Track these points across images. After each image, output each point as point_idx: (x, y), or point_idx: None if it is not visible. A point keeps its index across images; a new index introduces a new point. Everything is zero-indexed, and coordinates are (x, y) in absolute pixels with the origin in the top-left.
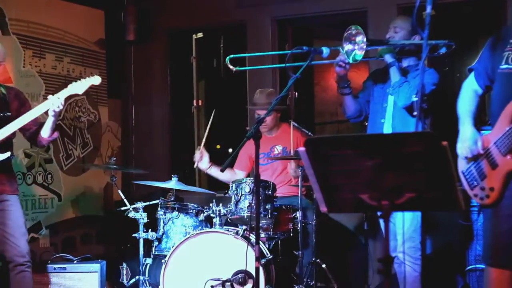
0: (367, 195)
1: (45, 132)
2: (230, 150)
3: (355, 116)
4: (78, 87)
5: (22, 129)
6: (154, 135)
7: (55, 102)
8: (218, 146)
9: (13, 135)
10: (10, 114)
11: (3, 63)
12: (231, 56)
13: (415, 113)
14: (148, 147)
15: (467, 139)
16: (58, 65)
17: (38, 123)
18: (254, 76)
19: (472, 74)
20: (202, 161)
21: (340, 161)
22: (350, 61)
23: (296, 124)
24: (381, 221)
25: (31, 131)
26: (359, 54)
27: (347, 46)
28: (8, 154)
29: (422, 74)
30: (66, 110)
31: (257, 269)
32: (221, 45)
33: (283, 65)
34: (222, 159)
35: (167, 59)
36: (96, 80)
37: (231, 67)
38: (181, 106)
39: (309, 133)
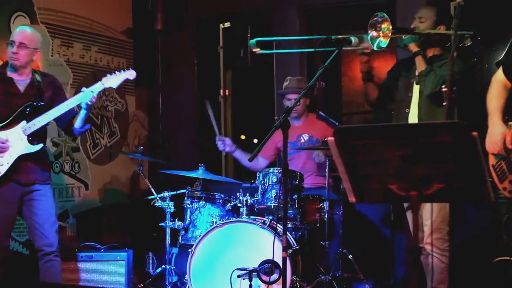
0: (395, 186)
1: (78, 124)
2: (256, 140)
3: (378, 103)
4: (113, 81)
5: (56, 119)
6: (181, 125)
7: (88, 96)
8: (243, 137)
9: (47, 124)
10: (43, 103)
11: (39, 51)
12: (257, 39)
13: (444, 103)
14: (175, 137)
15: (494, 135)
16: (85, 54)
17: (72, 113)
18: (281, 66)
19: (501, 68)
20: (226, 145)
21: (369, 151)
22: (375, 48)
23: (323, 114)
24: (407, 212)
25: (65, 121)
26: (383, 41)
27: (372, 33)
28: (40, 145)
29: (451, 63)
30: None
31: (284, 259)
32: (248, 35)
33: (312, 49)
34: (247, 150)
35: (194, 48)
36: (131, 74)
37: (254, 49)
38: (208, 96)
39: (337, 123)
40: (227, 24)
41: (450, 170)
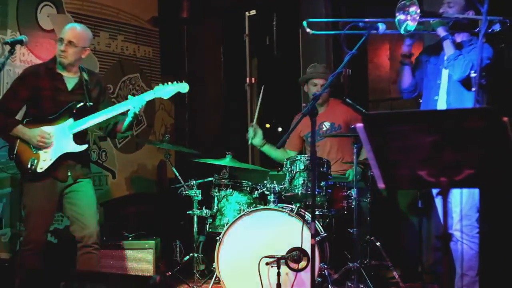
0: (425, 172)
1: (123, 129)
2: (280, 129)
3: (410, 90)
4: (164, 92)
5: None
6: (207, 113)
7: (137, 105)
8: (268, 125)
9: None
10: (92, 104)
11: (88, 49)
12: (310, 20)
13: (473, 89)
14: (202, 125)
15: None
16: (112, 43)
17: (116, 118)
18: (308, 54)
19: None
20: (256, 137)
21: (398, 137)
22: (402, 31)
23: (350, 101)
24: (436, 199)
25: (108, 125)
26: (411, 25)
27: (400, 16)
28: (85, 146)
29: (480, 48)
30: (120, 88)
31: (312, 246)
32: (274, 23)
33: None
34: (272, 138)
35: (220, 36)
36: (184, 87)
37: (308, 30)
38: (234, 84)
39: (363, 110)
40: (253, 12)
41: (480, 155)
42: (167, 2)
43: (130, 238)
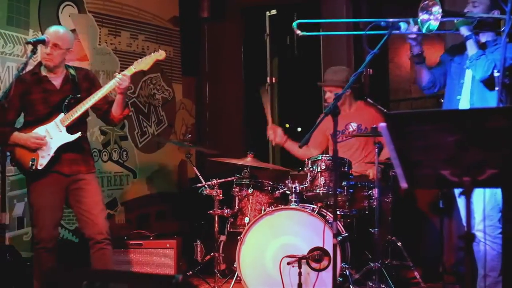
0: (448, 171)
1: (115, 110)
2: (299, 129)
3: (429, 86)
4: (143, 64)
5: (93, 109)
6: (228, 112)
7: (119, 79)
8: (287, 125)
9: (87, 114)
10: (80, 96)
11: (72, 50)
12: (300, 21)
13: (496, 88)
14: (222, 124)
15: None
16: (133, 43)
17: (109, 102)
18: (328, 53)
19: None
20: (277, 136)
21: (421, 136)
22: (424, 31)
23: (371, 101)
24: (459, 199)
25: (103, 110)
26: (433, 24)
27: (423, 16)
28: (78, 134)
29: (504, 48)
30: (140, 88)
31: (334, 246)
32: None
33: (362, 32)
34: (291, 139)
35: (240, 36)
36: (160, 55)
37: (298, 31)
38: (255, 83)
39: (385, 110)
40: (273, 12)
41: (504, 155)
42: (188, 1)
43: (151, 238)
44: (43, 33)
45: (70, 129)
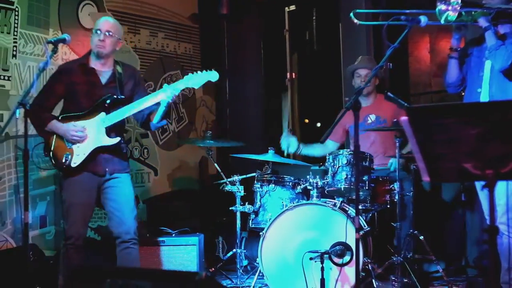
0: (470, 164)
1: (156, 119)
2: (318, 124)
3: (457, 84)
4: (195, 82)
5: (135, 114)
6: (249, 108)
7: (169, 95)
8: (306, 121)
9: (126, 117)
10: (123, 97)
11: (121, 41)
12: (357, 11)
13: None
14: (243, 121)
15: None
16: (152, 41)
17: (150, 108)
18: (348, 48)
19: None
20: (290, 146)
21: (443, 130)
22: (442, 22)
23: (391, 95)
24: (481, 192)
25: (142, 116)
26: (452, 15)
27: (440, 6)
28: (118, 139)
29: None
30: (160, 86)
31: (357, 241)
32: (314, 18)
33: (387, 22)
34: (311, 134)
35: (260, 32)
36: (213, 76)
37: (356, 21)
38: (275, 79)
39: (405, 104)
40: (293, 7)
41: None
42: None
43: (173, 235)
44: (63, 32)
45: (109, 130)
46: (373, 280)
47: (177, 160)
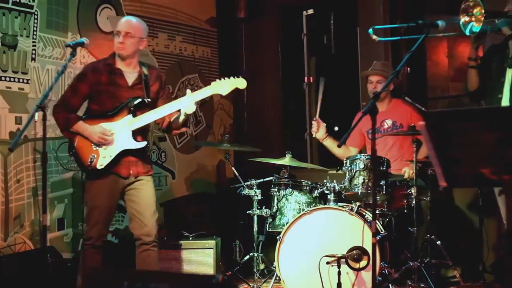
0: (488, 170)
1: (176, 125)
2: (336, 128)
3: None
4: (222, 89)
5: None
6: (266, 112)
7: (190, 108)
8: (325, 124)
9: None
10: (150, 100)
11: (145, 40)
12: (376, 27)
13: None
14: (260, 124)
15: None
16: (170, 44)
17: (171, 114)
18: (366, 53)
19: None
20: (319, 131)
21: (460, 135)
22: (467, 33)
23: (409, 99)
24: (498, 197)
25: (164, 122)
26: (476, 26)
27: (464, 18)
28: (144, 143)
29: None
30: (178, 89)
31: (373, 245)
32: (332, 21)
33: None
34: (332, 136)
35: (278, 36)
36: (242, 83)
37: (374, 37)
38: (292, 83)
39: (423, 108)
40: (310, 11)
41: None
42: (224, 2)
43: (190, 238)
44: (82, 36)
45: (135, 133)
46: (390, 285)
47: (195, 164)
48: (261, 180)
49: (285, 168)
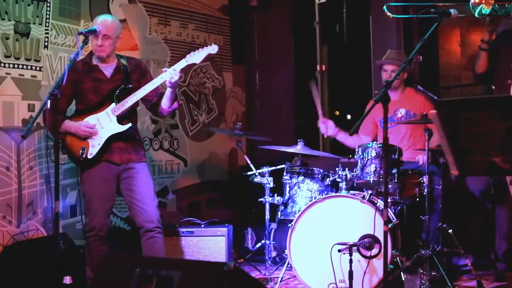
0: (499, 158)
1: (165, 103)
2: (349, 117)
3: (486, 75)
4: (196, 57)
5: (143, 100)
6: (278, 100)
7: (171, 73)
8: (337, 113)
9: (137, 104)
10: (131, 86)
11: (121, 36)
12: (390, 3)
13: None
14: (272, 112)
15: None
16: (183, 32)
17: (159, 94)
18: (378, 40)
19: None
20: (329, 129)
21: (472, 123)
22: (476, 15)
23: (421, 88)
24: (511, 186)
25: (152, 102)
26: (485, 8)
27: (474, 0)
28: (128, 125)
29: None
30: (191, 77)
31: (385, 233)
32: (344, 10)
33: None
34: (341, 126)
35: (290, 24)
36: (213, 49)
37: (389, 14)
38: (305, 71)
39: (435, 97)
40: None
41: None
42: None
43: (202, 225)
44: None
45: (121, 119)
46: (401, 273)
47: (207, 151)
48: (273, 168)
49: (297, 156)
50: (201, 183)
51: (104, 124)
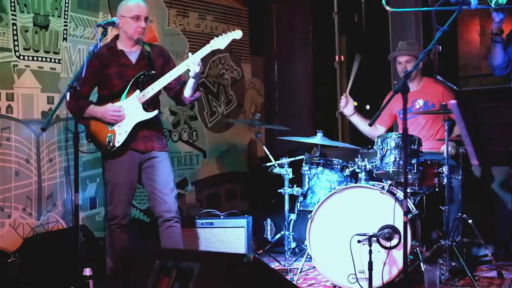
0: None
1: (187, 92)
2: (368, 107)
3: (502, 66)
4: (220, 42)
5: (166, 88)
6: (297, 91)
7: (193, 65)
8: (356, 103)
9: (159, 92)
10: (154, 72)
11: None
12: None
13: None
14: (291, 103)
15: None
16: (201, 23)
17: (181, 82)
18: (397, 30)
19: None
20: (347, 107)
21: (492, 113)
22: (493, 5)
23: (440, 78)
24: None
25: (175, 90)
26: None
27: None
28: (156, 112)
29: None
30: (209, 68)
31: (405, 224)
32: (363, 0)
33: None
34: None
35: (308, 15)
36: (237, 34)
37: (387, 8)
38: (323, 62)
39: (454, 87)
40: None
41: None
42: None
43: (221, 217)
44: (113, 16)
45: (145, 106)
46: (421, 263)
47: (226, 143)
48: (292, 158)
49: (316, 147)
50: (220, 174)
51: (130, 111)
